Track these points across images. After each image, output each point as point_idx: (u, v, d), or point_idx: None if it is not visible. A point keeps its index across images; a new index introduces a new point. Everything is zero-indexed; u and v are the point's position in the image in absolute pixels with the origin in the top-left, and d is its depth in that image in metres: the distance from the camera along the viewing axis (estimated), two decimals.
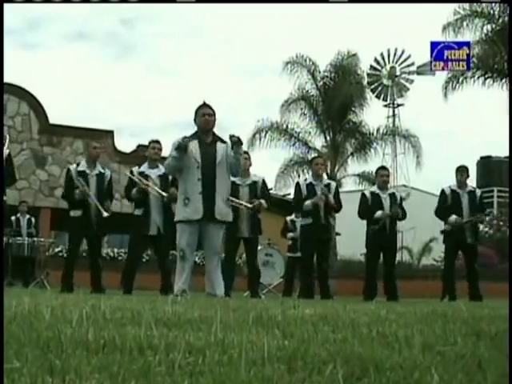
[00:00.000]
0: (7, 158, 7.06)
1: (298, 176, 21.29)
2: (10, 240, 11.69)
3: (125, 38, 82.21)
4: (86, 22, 68.77)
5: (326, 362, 1.51)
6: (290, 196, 15.44)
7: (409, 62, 36.40)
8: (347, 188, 23.07)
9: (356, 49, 25.94)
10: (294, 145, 22.38)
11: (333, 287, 9.22)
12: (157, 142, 7.94)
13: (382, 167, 9.24)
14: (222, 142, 6.23)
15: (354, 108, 22.40)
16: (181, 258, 6.16)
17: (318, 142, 22.78)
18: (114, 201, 8.93)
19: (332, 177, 19.65)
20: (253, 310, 3.03)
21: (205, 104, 6.27)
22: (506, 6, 17.27)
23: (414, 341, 1.93)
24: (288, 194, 21.07)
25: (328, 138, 22.50)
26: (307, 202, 8.30)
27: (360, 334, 2.14)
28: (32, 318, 2.36)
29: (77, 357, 1.53)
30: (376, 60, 36.24)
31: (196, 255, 8.67)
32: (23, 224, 13.05)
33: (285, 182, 22.17)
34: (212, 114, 6.25)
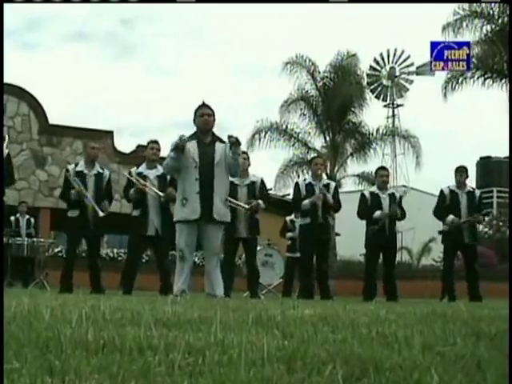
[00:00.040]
0: (6, 158, 7.06)
1: (298, 176, 21.28)
2: (10, 240, 11.70)
3: (125, 38, 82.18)
4: (86, 22, 68.70)
5: (326, 363, 1.51)
6: (290, 196, 15.43)
7: (408, 63, 36.43)
8: (347, 188, 23.09)
9: (356, 49, 25.98)
10: (293, 145, 22.40)
11: (332, 287, 9.22)
12: (155, 142, 7.94)
13: (382, 167, 9.25)
14: (222, 142, 6.21)
15: (354, 108, 22.41)
16: (180, 258, 6.16)
17: (318, 142, 22.82)
18: (114, 201, 8.92)
19: (332, 177, 19.64)
20: (252, 311, 3.03)
21: (204, 104, 6.26)
22: (505, 7, 17.30)
23: (413, 341, 1.93)
24: (288, 194, 21.06)
25: (327, 139, 22.51)
26: (305, 202, 8.30)
27: (360, 335, 2.14)
28: (31, 319, 2.36)
29: (76, 357, 1.53)
30: (375, 60, 36.25)
31: (195, 256, 8.67)
32: (22, 224, 13.05)
33: (284, 182, 22.21)
34: (211, 114, 6.24)
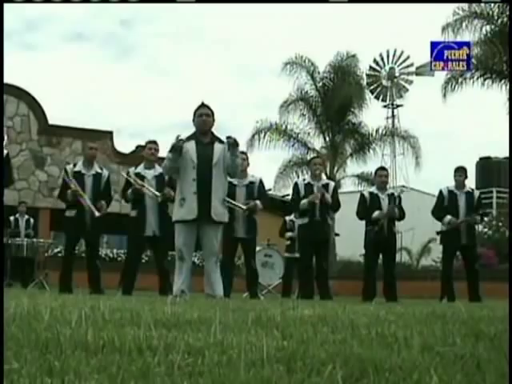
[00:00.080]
0: (5, 158, 7.06)
1: (298, 177, 21.26)
2: (10, 241, 11.69)
3: (124, 38, 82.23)
4: (86, 22, 68.86)
5: (325, 363, 1.51)
6: (290, 197, 15.44)
7: (408, 63, 36.51)
8: (346, 189, 23.11)
9: (355, 49, 25.93)
10: (293, 145, 22.41)
11: (332, 288, 9.22)
12: (153, 142, 7.93)
13: (381, 168, 9.24)
14: (221, 142, 6.20)
15: (353, 109, 22.40)
16: (179, 259, 6.16)
17: (317, 142, 22.82)
18: (114, 202, 8.90)
19: (331, 177, 19.63)
20: (252, 311, 3.03)
21: (203, 104, 6.25)
22: (504, 7, 17.29)
23: (413, 342, 1.94)
24: (287, 194, 21.04)
25: (327, 139, 22.51)
26: (303, 201, 8.30)
27: (359, 335, 2.14)
28: (31, 319, 2.36)
29: (76, 358, 1.53)
30: (375, 61, 36.31)
31: (195, 256, 8.66)
32: (22, 225, 13.05)
33: (284, 182, 22.20)
34: (210, 115, 6.23)
